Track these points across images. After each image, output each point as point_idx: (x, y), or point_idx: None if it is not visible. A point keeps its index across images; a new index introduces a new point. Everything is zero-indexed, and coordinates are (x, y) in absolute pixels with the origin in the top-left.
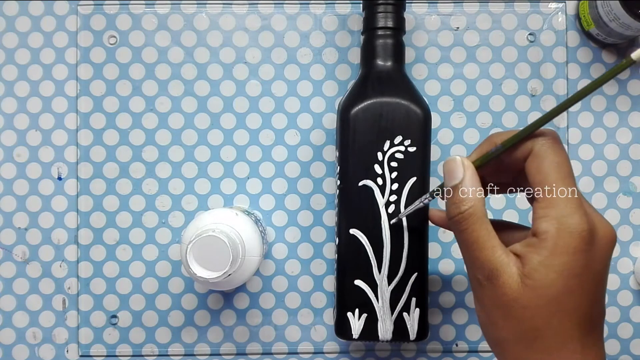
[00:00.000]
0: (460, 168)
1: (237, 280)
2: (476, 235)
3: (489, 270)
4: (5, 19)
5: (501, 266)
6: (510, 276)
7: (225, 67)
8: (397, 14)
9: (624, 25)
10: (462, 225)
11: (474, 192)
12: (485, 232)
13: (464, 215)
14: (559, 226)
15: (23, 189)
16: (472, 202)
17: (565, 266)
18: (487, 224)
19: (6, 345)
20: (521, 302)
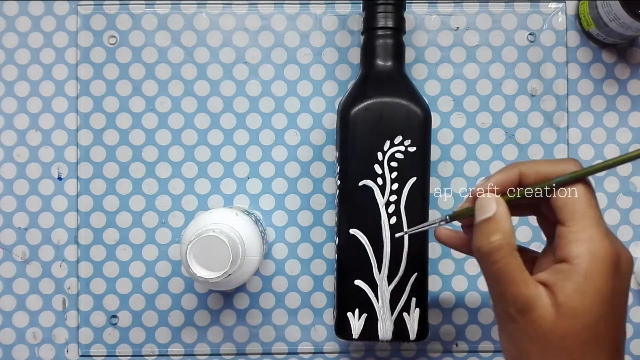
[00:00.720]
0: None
1: (237, 280)
2: (507, 269)
3: (522, 304)
4: (5, 19)
5: (534, 299)
6: (545, 308)
7: (225, 67)
8: (397, 14)
9: (624, 25)
10: (492, 257)
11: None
12: (516, 264)
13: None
14: (591, 250)
15: (23, 189)
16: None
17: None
18: (517, 257)
19: (6, 345)
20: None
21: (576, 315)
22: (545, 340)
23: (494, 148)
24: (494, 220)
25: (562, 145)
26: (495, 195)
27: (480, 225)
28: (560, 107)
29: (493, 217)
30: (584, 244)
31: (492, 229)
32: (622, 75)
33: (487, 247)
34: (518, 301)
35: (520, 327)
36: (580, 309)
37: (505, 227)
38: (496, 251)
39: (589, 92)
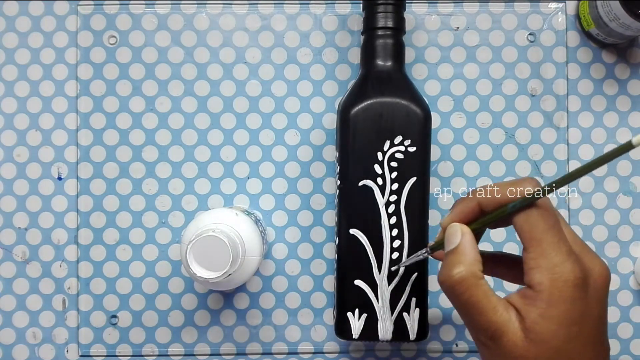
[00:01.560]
0: (458, 233)
1: (237, 280)
2: (473, 300)
3: (492, 331)
4: (5, 19)
5: (503, 325)
6: (514, 333)
7: (225, 67)
8: (397, 14)
9: (624, 25)
10: (455, 290)
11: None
12: (482, 294)
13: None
14: (551, 276)
15: (23, 189)
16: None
17: (564, 315)
18: (482, 286)
19: (6, 345)
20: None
21: (544, 340)
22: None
23: (494, 148)
24: (457, 252)
25: (562, 145)
26: (460, 225)
27: (446, 257)
28: (560, 107)
29: (456, 248)
30: (543, 271)
31: (455, 260)
32: (622, 75)
33: (450, 280)
34: (488, 329)
35: (493, 353)
36: (546, 333)
37: (469, 258)
38: (459, 283)
39: (589, 92)
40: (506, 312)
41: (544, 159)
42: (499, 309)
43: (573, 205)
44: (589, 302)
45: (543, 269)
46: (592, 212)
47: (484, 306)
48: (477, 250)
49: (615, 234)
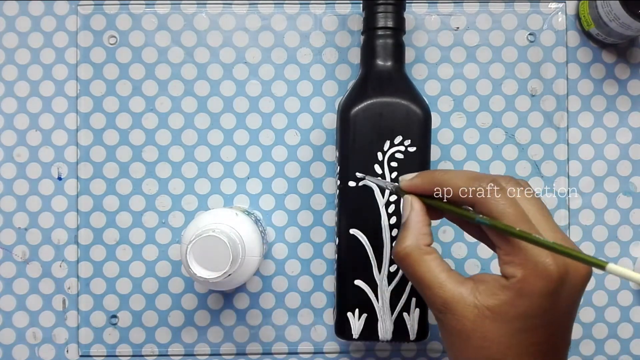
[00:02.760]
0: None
1: (237, 280)
2: (419, 275)
3: (440, 304)
4: (5, 19)
5: (453, 300)
6: (465, 308)
7: (225, 67)
8: (397, 14)
9: (624, 25)
10: (402, 264)
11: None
12: (427, 270)
13: (403, 254)
14: (524, 272)
15: (23, 189)
16: (410, 242)
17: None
18: (429, 262)
19: (6, 345)
20: (479, 333)
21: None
22: (467, 337)
23: (494, 148)
24: (405, 226)
25: (562, 145)
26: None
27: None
28: (560, 107)
29: (405, 222)
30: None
31: (404, 234)
32: (622, 75)
33: (397, 254)
34: (436, 302)
35: (444, 325)
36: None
37: (414, 233)
38: (405, 258)
39: (589, 92)
40: (456, 287)
41: (544, 159)
42: (446, 284)
43: (573, 205)
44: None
45: (516, 265)
46: (592, 212)
47: (431, 281)
48: (425, 224)
49: (615, 234)
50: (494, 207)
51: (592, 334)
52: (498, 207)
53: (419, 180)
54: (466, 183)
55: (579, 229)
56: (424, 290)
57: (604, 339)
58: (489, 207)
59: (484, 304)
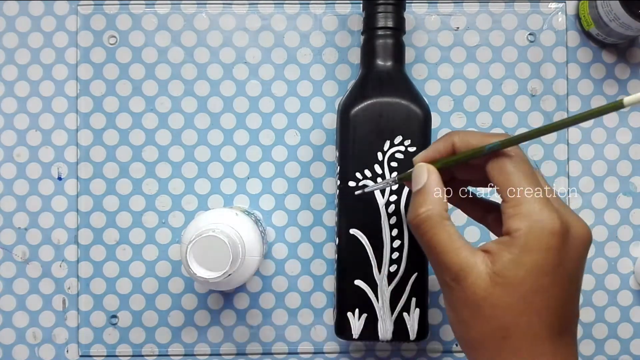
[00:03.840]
0: (424, 173)
1: (237, 280)
2: (436, 239)
3: (455, 272)
4: (5, 19)
5: (467, 266)
6: (479, 276)
7: (225, 67)
8: (397, 14)
9: (624, 25)
10: (420, 229)
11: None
12: (445, 235)
13: (421, 219)
14: (530, 223)
15: (23, 189)
16: (430, 206)
17: (536, 264)
18: (447, 227)
19: (6, 345)
20: (490, 301)
21: (509, 285)
22: (478, 306)
23: None
24: (423, 192)
25: (562, 145)
26: (426, 164)
27: (413, 197)
28: (560, 107)
29: (422, 188)
30: (522, 218)
31: (421, 200)
32: (622, 75)
33: (416, 219)
34: (451, 269)
35: (455, 294)
36: (513, 279)
37: (434, 197)
38: (424, 222)
39: (589, 92)
40: (471, 255)
41: (544, 159)
42: (462, 250)
43: (573, 205)
44: (565, 257)
45: (522, 216)
46: (592, 212)
47: (448, 246)
48: (443, 190)
49: (615, 234)
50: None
51: (592, 334)
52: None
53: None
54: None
55: None
56: (440, 255)
57: (604, 339)
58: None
59: (494, 270)
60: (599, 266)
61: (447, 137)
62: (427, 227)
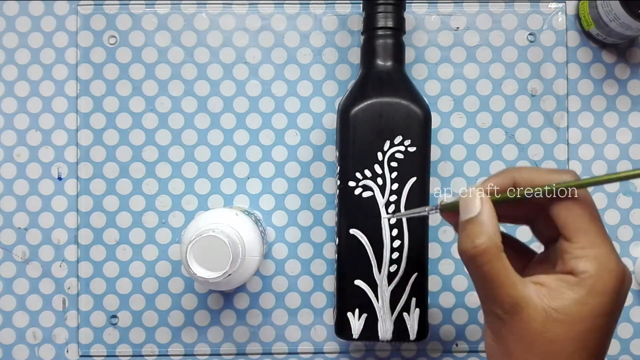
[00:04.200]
0: (478, 202)
1: (237, 280)
2: (495, 272)
3: (510, 305)
4: (5, 19)
5: (523, 300)
6: (535, 309)
7: (225, 67)
8: (397, 14)
9: (624, 25)
10: (477, 261)
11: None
12: (502, 267)
13: (478, 251)
14: (598, 267)
15: (23, 189)
16: (487, 236)
17: (600, 306)
18: (504, 259)
19: (6, 345)
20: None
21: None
22: (532, 341)
23: (494, 148)
24: (478, 222)
25: (562, 145)
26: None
27: (465, 226)
28: (560, 107)
29: (477, 217)
30: (591, 261)
31: (477, 230)
32: (622, 75)
33: (472, 250)
34: (505, 302)
35: (507, 327)
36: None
37: (490, 228)
38: (481, 255)
39: (589, 92)
40: (526, 288)
41: (544, 159)
42: (517, 283)
43: None
44: (622, 300)
45: (591, 258)
46: None
47: (504, 279)
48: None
49: (615, 234)
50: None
51: None
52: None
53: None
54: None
55: None
56: (495, 289)
57: None
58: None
59: (551, 305)
60: None
61: (507, 172)
62: (485, 260)
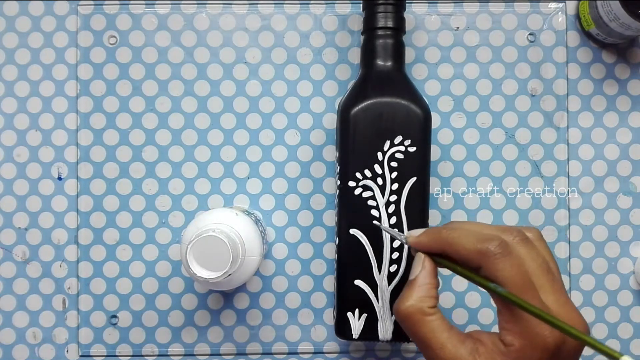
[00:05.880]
0: (418, 266)
1: (237, 280)
2: (420, 335)
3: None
4: (5, 19)
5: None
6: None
7: (225, 67)
8: (397, 14)
9: (624, 25)
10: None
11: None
12: (428, 331)
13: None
14: (523, 342)
15: (23, 189)
16: (412, 301)
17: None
18: (429, 323)
19: (6, 345)
20: None
21: None
22: None
23: (494, 148)
24: (412, 285)
25: (562, 145)
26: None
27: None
28: (560, 107)
29: (413, 280)
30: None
31: (408, 293)
32: (622, 75)
33: (398, 312)
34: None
35: None
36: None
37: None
38: (406, 318)
39: (589, 92)
40: (457, 348)
41: (544, 159)
42: (446, 345)
43: (573, 205)
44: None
45: (514, 333)
46: (592, 212)
47: (431, 342)
48: (433, 286)
49: (615, 234)
50: (500, 272)
51: (592, 334)
52: (504, 273)
53: (425, 238)
54: (472, 245)
55: (579, 229)
56: (425, 350)
57: (604, 339)
58: (494, 272)
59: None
60: (599, 266)
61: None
62: (410, 323)
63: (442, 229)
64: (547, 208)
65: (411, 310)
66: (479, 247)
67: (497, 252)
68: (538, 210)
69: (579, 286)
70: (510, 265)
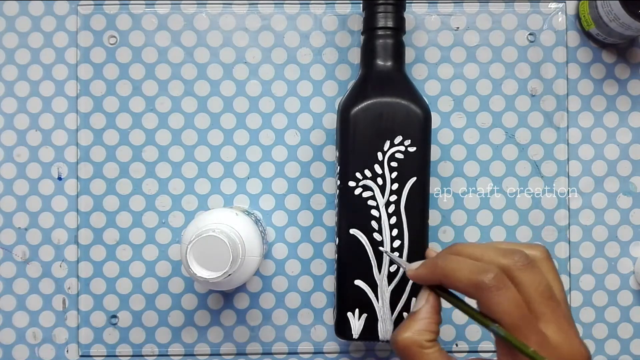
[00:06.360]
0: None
1: (237, 280)
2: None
3: None
4: (5, 19)
5: None
6: None
7: (225, 67)
8: (397, 14)
9: (624, 25)
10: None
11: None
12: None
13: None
14: None
15: (23, 189)
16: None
17: None
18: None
19: (6, 345)
20: None
21: None
22: None
23: (494, 148)
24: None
25: (562, 145)
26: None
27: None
28: (560, 107)
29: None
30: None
31: (407, 325)
32: (622, 75)
33: (395, 343)
34: None
35: None
36: None
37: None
38: (402, 349)
39: (589, 92)
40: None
41: (544, 159)
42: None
43: (573, 205)
44: None
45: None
46: (592, 212)
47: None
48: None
49: (615, 234)
50: (495, 306)
51: (592, 334)
52: (499, 307)
53: (423, 271)
54: (468, 277)
55: (579, 229)
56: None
57: (604, 339)
58: (489, 306)
59: None
60: (599, 266)
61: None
62: (407, 354)
63: (438, 260)
64: (547, 208)
65: (408, 342)
66: (473, 279)
67: (492, 285)
68: (538, 210)
69: (579, 286)
70: (507, 299)
